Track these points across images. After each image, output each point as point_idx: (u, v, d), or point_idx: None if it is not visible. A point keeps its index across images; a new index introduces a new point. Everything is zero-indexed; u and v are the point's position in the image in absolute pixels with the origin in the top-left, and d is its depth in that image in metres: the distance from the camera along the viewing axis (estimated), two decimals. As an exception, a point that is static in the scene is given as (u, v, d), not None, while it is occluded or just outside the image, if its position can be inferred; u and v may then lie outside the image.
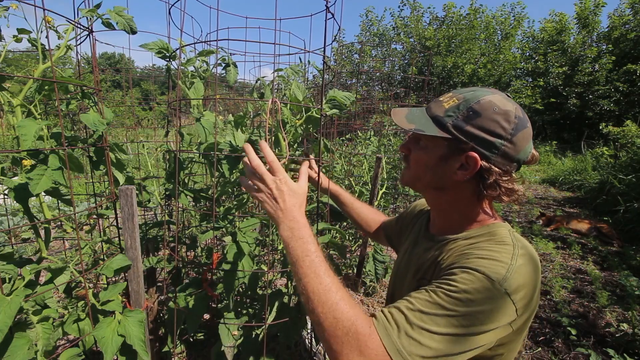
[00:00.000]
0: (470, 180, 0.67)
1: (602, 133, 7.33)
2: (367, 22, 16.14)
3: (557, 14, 13.21)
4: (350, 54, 13.92)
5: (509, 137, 0.63)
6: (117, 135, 6.00)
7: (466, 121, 0.64)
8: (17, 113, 0.84)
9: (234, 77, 1.11)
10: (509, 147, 0.64)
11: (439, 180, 0.71)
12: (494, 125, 0.63)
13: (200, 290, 1.20)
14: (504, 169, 0.65)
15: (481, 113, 0.63)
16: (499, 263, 0.58)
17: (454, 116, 0.66)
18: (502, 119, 0.63)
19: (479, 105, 0.64)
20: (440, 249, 0.73)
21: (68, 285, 1.02)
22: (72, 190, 0.87)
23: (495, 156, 0.64)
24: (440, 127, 0.67)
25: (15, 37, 0.85)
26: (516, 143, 0.64)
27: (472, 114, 0.64)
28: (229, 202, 1.45)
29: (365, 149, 3.33)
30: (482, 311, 0.54)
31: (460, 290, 0.55)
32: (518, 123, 0.64)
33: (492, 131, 0.63)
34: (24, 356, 0.79)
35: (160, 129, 4.92)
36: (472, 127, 0.64)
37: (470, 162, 0.65)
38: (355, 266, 2.78)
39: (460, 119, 0.65)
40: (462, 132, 0.65)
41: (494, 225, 0.70)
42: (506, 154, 0.64)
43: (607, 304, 2.48)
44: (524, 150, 0.65)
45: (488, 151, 0.64)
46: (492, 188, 0.66)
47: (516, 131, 0.63)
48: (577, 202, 5.99)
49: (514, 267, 0.58)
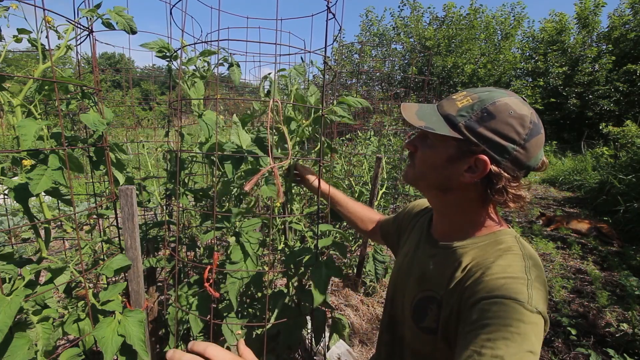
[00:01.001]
0: (477, 184, 0.65)
1: (602, 133, 7.33)
2: (367, 22, 16.15)
3: (557, 14, 13.22)
4: (350, 54, 13.93)
5: (522, 143, 0.61)
6: (117, 135, 6.00)
7: (479, 122, 0.62)
8: (17, 113, 0.84)
9: (238, 77, 1.11)
10: (521, 153, 0.62)
11: (444, 181, 0.69)
12: (508, 129, 0.61)
13: (202, 290, 1.20)
14: (514, 175, 0.63)
15: (496, 115, 0.61)
16: (517, 280, 0.57)
17: (467, 116, 0.63)
18: (517, 123, 0.61)
19: (494, 107, 0.61)
20: (447, 258, 0.70)
21: (68, 285, 1.02)
22: (72, 190, 0.86)
23: (505, 161, 0.62)
24: (451, 126, 0.64)
25: (15, 37, 0.85)
26: (529, 149, 0.62)
27: (486, 116, 0.61)
28: (229, 203, 1.45)
29: (365, 149, 3.33)
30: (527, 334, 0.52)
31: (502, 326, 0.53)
32: (532, 129, 0.61)
33: (505, 135, 0.61)
34: (24, 356, 0.79)
35: (161, 129, 4.92)
36: (485, 129, 0.62)
37: (479, 165, 0.63)
38: (355, 266, 2.78)
39: (473, 120, 0.62)
40: (475, 133, 0.62)
41: (500, 232, 0.68)
42: (517, 159, 0.62)
43: (607, 304, 2.48)
44: (535, 157, 0.63)
45: (499, 155, 0.62)
46: (499, 193, 0.64)
47: (530, 137, 0.61)
48: (577, 202, 5.99)
49: (532, 281, 0.57)
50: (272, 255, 1.42)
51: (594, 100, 11.84)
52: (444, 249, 0.72)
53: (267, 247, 1.40)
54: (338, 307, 2.45)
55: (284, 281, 1.92)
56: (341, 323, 1.34)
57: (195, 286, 1.25)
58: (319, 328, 1.20)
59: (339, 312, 2.36)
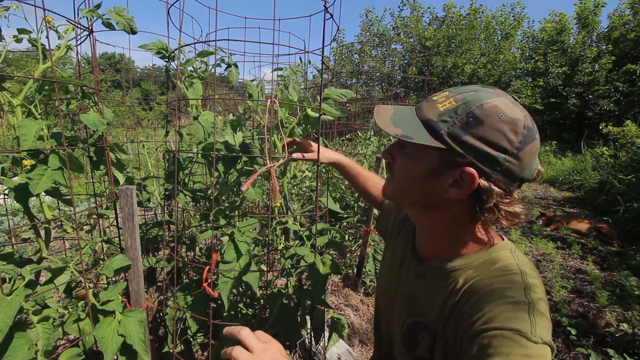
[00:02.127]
0: (464, 200, 0.57)
1: (602, 133, 7.33)
2: (367, 22, 16.14)
3: (557, 14, 13.21)
4: (350, 54, 13.93)
5: (515, 152, 0.52)
6: (117, 135, 6.00)
7: (465, 129, 0.53)
8: (17, 113, 0.84)
9: (236, 78, 1.11)
10: (513, 164, 0.53)
11: (427, 197, 0.61)
12: (499, 137, 0.52)
13: (200, 290, 1.20)
14: (506, 190, 0.55)
15: (484, 120, 0.52)
16: (518, 307, 0.50)
17: (450, 122, 0.54)
18: (508, 129, 0.52)
19: (481, 110, 0.53)
20: (437, 281, 0.64)
21: (68, 285, 1.02)
22: (72, 190, 0.87)
23: (496, 174, 0.54)
24: (432, 133, 0.55)
25: (16, 37, 0.85)
26: (522, 159, 0.53)
27: (472, 121, 0.53)
28: (228, 203, 1.45)
29: (365, 149, 3.33)
30: None
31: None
32: (526, 135, 0.53)
33: (495, 144, 0.52)
34: (24, 356, 0.79)
35: (160, 129, 4.92)
36: (471, 137, 0.53)
37: (466, 179, 0.54)
38: (355, 266, 2.78)
39: (457, 126, 0.54)
40: (459, 142, 0.53)
41: (494, 248, 0.61)
42: (510, 171, 0.54)
43: (607, 303, 2.48)
44: (530, 167, 0.55)
45: (489, 168, 0.53)
46: (490, 212, 0.56)
47: (524, 145, 0.53)
48: (577, 202, 5.99)
49: (534, 305, 0.51)
50: (270, 255, 1.42)
51: (594, 100, 11.84)
52: (433, 270, 0.66)
53: (266, 247, 1.41)
54: (338, 307, 2.45)
55: (284, 281, 1.92)
56: (340, 323, 1.35)
57: (195, 286, 1.25)
58: (319, 328, 1.21)
59: (339, 312, 2.36)
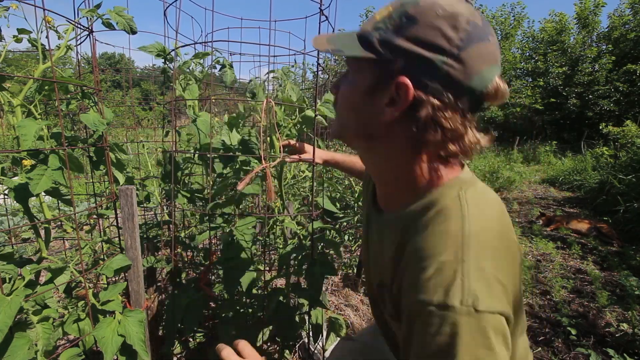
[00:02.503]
0: (403, 123, 0.48)
1: (602, 133, 7.32)
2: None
3: (557, 14, 13.22)
4: (350, 54, 13.94)
5: (455, 53, 0.43)
6: (117, 135, 6.00)
7: (397, 32, 0.45)
8: (17, 113, 0.84)
9: (230, 78, 1.12)
10: (455, 68, 0.44)
11: (366, 125, 0.52)
12: (434, 35, 0.43)
13: (199, 290, 1.20)
14: (446, 100, 0.45)
15: (418, 19, 0.44)
16: (445, 268, 0.41)
17: (382, 28, 0.46)
18: (446, 24, 0.43)
19: (416, 8, 0.44)
20: (387, 234, 0.55)
21: (68, 285, 1.02)
22: (72, 190, 0.87)
23: (434, 82, 0.44)
24: (364, 45, 0.48)
25: (15, 37, 0.85)
26: (466, 62, 0.44)
27: (405, 22, 0.45)
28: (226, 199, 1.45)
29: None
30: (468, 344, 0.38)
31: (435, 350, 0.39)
32: (471, 32, 0.44)
33: (430, 43, 0.43)
34: (24, 356, 0.79)
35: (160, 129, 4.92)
36: (404, 41, 0.44)
37: (400, 93, 0.46)
38: (355, 266, 2.78)
39: (390, 31, 0.46)
40: (391, 48, 0.45)
41: (440, 189, 0.50)
42: (450, 77, 0.44)
43: (607, 303, 2.48)
44: (481, 74, 0.45)
45: (424, 75, 0.44)
46: (428, 128, 0.46)
47: (467, 43, 0.43)
48: (577, 202, 5.99)
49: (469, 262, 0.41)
50: (269, 255, 1.42)
51: (594, 100, 11.84)
52: (386, 223, 0.57)
53: (266, 247, 1.41)
54: (338, 307, 2.45)
55: (283, 281, 1.92)
56: (338, 323, 1.34)
57: (193, 286, 1.25)
58: (317, 327, 1.21)
59: (339, 312, 2.36)
